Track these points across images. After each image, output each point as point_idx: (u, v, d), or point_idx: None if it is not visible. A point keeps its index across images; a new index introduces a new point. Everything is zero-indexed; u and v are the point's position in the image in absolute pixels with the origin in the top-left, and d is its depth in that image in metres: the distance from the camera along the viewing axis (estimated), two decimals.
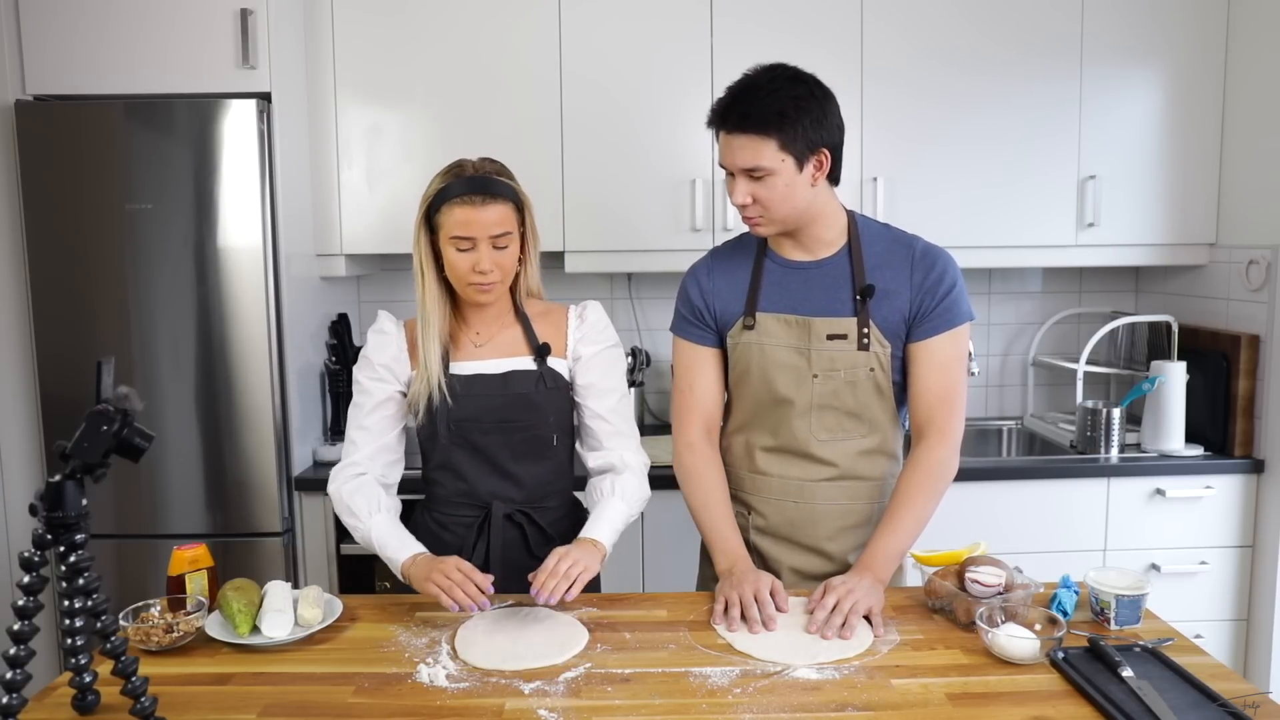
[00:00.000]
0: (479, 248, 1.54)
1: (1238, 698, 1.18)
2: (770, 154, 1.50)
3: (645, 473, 1.69)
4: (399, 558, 1.53)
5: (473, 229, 1.53)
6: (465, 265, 1.55)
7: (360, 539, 1.60)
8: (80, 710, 1.21)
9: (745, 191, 1.53)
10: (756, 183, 1.52)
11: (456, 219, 1.53)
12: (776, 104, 1.48)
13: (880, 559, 1.53)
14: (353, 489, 1.61)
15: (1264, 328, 2.49)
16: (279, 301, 2.37)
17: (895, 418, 1.68)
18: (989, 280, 3.06)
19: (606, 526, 1.57)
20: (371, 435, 1.64)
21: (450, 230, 1.54)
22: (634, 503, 1.63)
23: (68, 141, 2.28)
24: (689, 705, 1.22)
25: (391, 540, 1.56)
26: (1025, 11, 2.58)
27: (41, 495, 1.12)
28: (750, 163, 1.51)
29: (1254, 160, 2.54)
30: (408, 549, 1.54)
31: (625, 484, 1.63)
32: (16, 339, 2.38)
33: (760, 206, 1.54)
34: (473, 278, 1.56)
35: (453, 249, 1.55)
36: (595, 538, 1.55)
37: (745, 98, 1.50)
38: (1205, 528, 2.52)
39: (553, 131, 2.57)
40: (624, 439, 1.68)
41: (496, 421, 1.63)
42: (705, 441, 1.71)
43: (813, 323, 1.61)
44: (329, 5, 2.53)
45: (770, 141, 1.49)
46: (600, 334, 1.69)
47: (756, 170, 1.51)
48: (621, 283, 3.00)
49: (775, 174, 1.51)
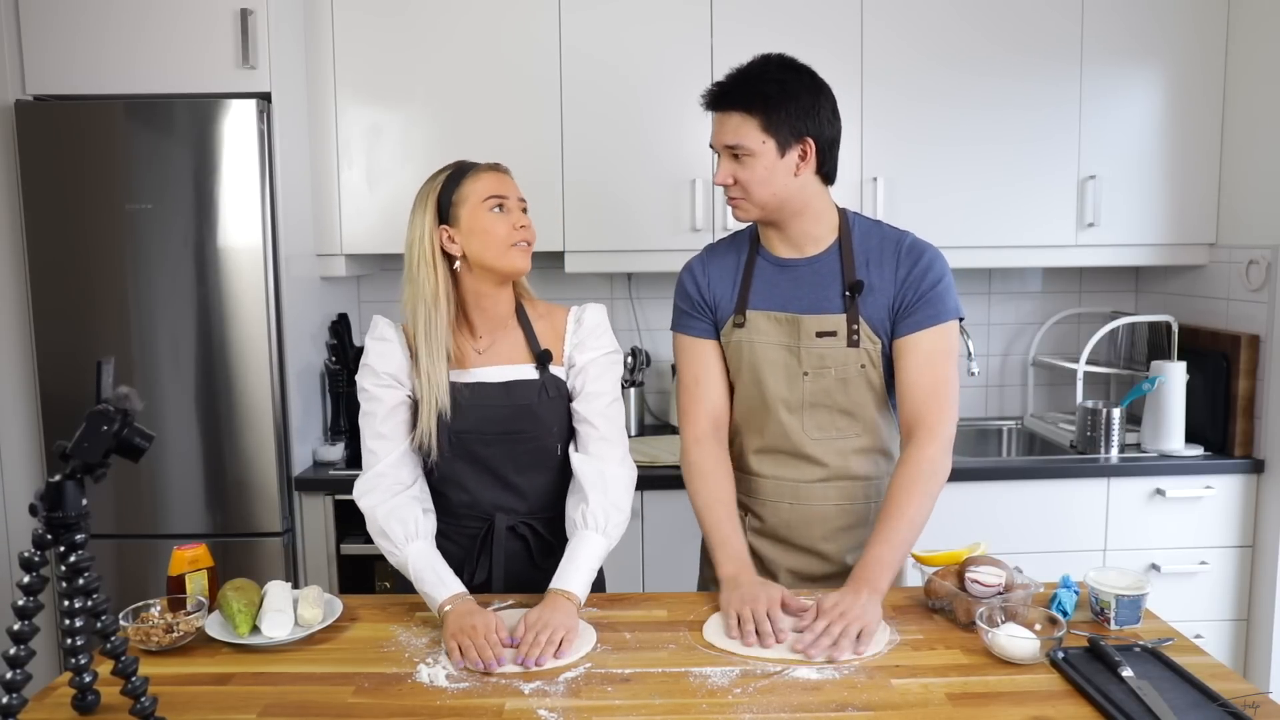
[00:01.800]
0: (511, 209, 1.54)
1: (1238, 698, 1.17)
2: (751, 134, 1.53)
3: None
4: (436, 596, 1.46)
5: (505, 188, 1.55)
6: (505, 225, 1.53)
7: (395, 564, 1.55)
8: (80, 710, 1.21)
9: (727, 171, 1.57)
10: (737, 163, 1.55)
11: (484, 184, 1.54)
12: (763, 86, 1.52)
13: (875, 569, 1.47)
14: (389, 511, 1.53)
15: (1264, 328, 2.49)
16: (279, 301, 2.37)
17: (889, 416, 1.68)
18: (989, 280, 3.06)
19: (581, 574, 1.49)
20: (391, 443, 1.58)
21: (481, 194, 1.53)
22: (611, 530, 1.55)
23: (68, 141, 2.28)
24: (689, 705, 1.21)
25: (428, 575, 1.49)
26: (1025, 12, 2.58)
27: (41, 495, 1.12)
28: (732, 139, 1.54)
29: (1254, 160, 2.54)
30: (446, 587, 1.47)
31: (602, 513, 1.54)
32: (16, 339, 2.38)
33: (740, 188, 1.57)
34: (515, 236, 1.53)
35: (486, 212, 1.53)
36: (569, 590, 1.46)
37: (736, 77, 1.55)
38: (1205, 528, 2.52)
39: (553, 131, 2.57)
40: (610, 446, 1.60)
41: (499, 433, 1.58)
42: (713, 437, 1.68)
43: (802, 320, 1.60)
44: (329, 5, 2.53)
45: (752, 120, 1.52)
46: (597, 340, 1.63)
47: (738, 148, 1.54)
48: (621, 283, 3.00)
49: (756, 155, 1.53)
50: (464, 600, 1.46)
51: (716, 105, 1.57)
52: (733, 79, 1.56)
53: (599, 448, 1.60)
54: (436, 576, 1.49)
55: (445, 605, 1.44)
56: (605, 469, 1.59)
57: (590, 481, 1.57)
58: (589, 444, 1.61)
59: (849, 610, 1.38)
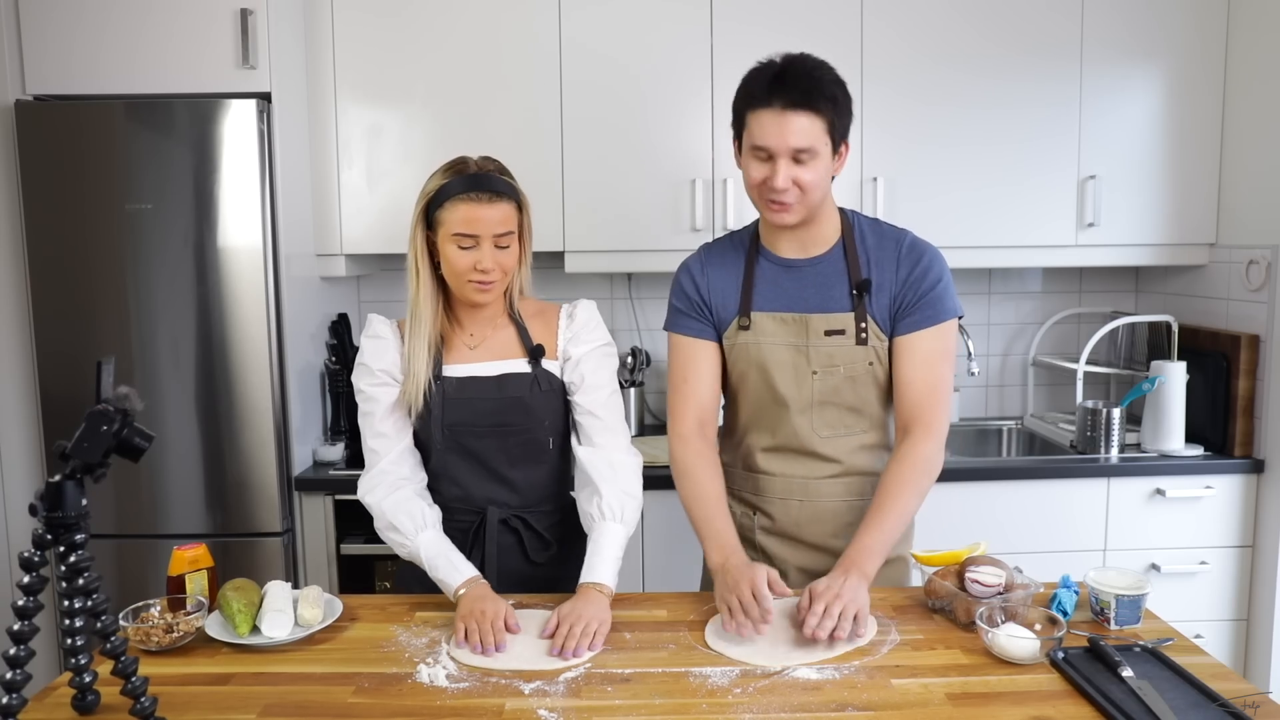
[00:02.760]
0: (481, 246, 1.52)
1: (1238, 698, 1.17)
2: (820, 136, 1.47)
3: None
4: (451, 581, 1.49)
5: (477, 226, 1.51)
6: (466, 263, 1.52)
7: (406, 555, 1.56)
8: (80, 710, 1.21)
9: (787, 175, 1.48)
10: (800, 166, 1.48)
11: (460, 216, 1.51)
12: (828, 87, 1.47)
13: (864, 554, 1.47)
14: (394, 504, 1.56)
15: (1264, 328, 2.49)
16: (279, 301, 2.37)
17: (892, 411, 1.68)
18: (989, 280, 3.06)
19: (608, 565, 1.52)
20: (391, 440, 1.60)
21: (453, 227, 1.52)
22: (630, 519, 1.58)
23: (68, 141, 2.28)
24: (689, 705, 1.22)
25: (441, 562, 1.52)
26: (1025, 12, 2.58)
27: (41, 495, 1.12)
28: (805, 142, 1.46)
29: (1254, 160, 2.54)
30: (460, 573, 1.50)
31: (616, 501, 1.57)
32: (16, 339, 2.38)
33: (799, 190, 1.50)
34: (473, 276, 1.53)
35: (454, 246, 1.53)
36: (599, 582, 1.49)
37: (803, 73, 1.46)
38: (1205, 528, 2.52)
39: (553, 131, 2.57)
40: (614, 435, 1.63)
41: (491, 426, 1.60)
42: (698, 434, 1.67)
43: (810, 319, 1.60)
44: (329, 5, 2.53)
45: (821, 123, 1.46)
46: (590, 333, 1.65)
47: (808, 151, 1.47)
48: (621, 283, 3.00)
49: (819, 158, 1.48)
50: (479, 584, 1.49)
51: (792, 104, 1.45)
52: (800, 78, 1.46)
53: (604, 438, 1.63)
54: (449, 563, 1.52)
55: (460, 589, 1.47)
56: (614, 458, 1.61)
57: (599, 473, 1.60)
58: (594, 435, 1.63)
59: (842, 591, 1.39)
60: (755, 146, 1.50)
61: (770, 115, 1.47)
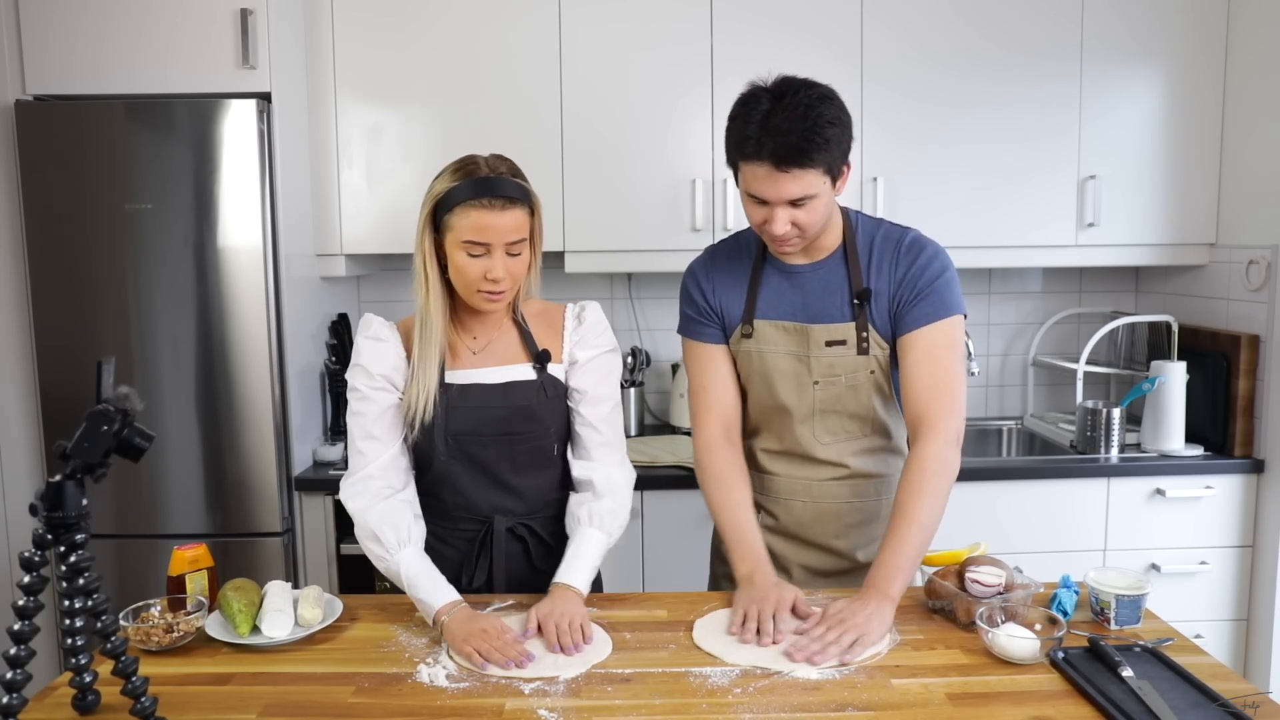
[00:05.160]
0: (493, 254, 1.45)
1: (1238, 698, 1.17)
2: (816, 181, 1.44)
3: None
4: (432, 603, 1.44)
5: (489, 234, 1.44)
6: (476, 271, 1.46)
7: (383, 569, 1.51)
8: (80, 710, 1.21)
9: (787, 220, 1.47)
10: (798, 209, 1.47)
11: (471, 223, 1.44)
12: (821, 136, 1.41)
13: (886, 577, 1.45)
14: (379, 515, 1.50)
15: (1264, 328, 2.49)
16: (279, 301, 2.37)
17: (897, 414, 1.67)
18: (989, 280, 3.06)
19: (586, 571, 1.51)
20: (382, 445, 1.54)
21: (463, 234, 1.45)
22: (614, 531, 1.57)
23: (68, 141, 2.28)
24: (689, 705, 1.21)
25: (422, 581, 1.47)
26: (1025, 12, 2.58)
27: (41, 495, 1.12)
28: (801, 193, 1.44)
29: (1254, 160, 2.54)
30: (442, 595, 1.45)
31: (605, 511, 1.56)
32: (16, 339, 2.38)
33: (798, 230, 1.50)
34: (483, 285, 1.47)
35: (463, 253, 1.46)
36: (573, 584, 1.49)
37: (796, 120, 1.40)
38: (1205, 528, 2.52)
39: (553, 131, 2.57)
40: (611, 451, 1.61)
41: (496, 434, 1.56)
42: (724, 441, 1.66)
43: (811, 329, 1.60)
44: (329, 5, 2.53)
45: (817, 170, 1.43)
46: (597, 338, 1.62)
47: (804, 198, 1.45)
48: (621, 283, 3.00)
49: (818, 197, 1.47)
50: (461, 606, 1.45)
51: (783, 163, 1.41)
52: (793, 133, 1.40)
53: (601, 453, 1.61)
54: (431, 583, 1.47)
55: (443, 614, 1.43)
56: (611, 473, 1.60)
57: (594, 488, 1.59)
58: (591, 449, 1.61)
59: (850, 619, 1.37)
60: (750, 194, 1.49)
61: (764, 170, 1.44)
